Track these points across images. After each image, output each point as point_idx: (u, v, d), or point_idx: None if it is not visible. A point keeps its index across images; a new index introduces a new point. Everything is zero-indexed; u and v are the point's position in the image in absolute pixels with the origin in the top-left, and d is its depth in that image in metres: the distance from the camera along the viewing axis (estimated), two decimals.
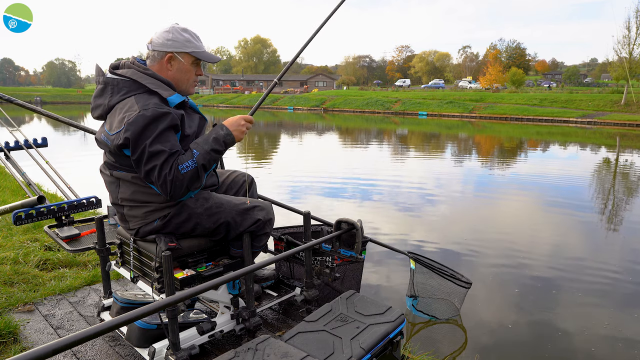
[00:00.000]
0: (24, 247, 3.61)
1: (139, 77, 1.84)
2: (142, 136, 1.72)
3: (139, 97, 1.80)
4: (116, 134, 1.77)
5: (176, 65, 1.91)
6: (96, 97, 1.90)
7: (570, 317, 3.89)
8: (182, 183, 1.75)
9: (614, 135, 22.56)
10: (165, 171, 1.73)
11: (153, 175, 1.75)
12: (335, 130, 27.65)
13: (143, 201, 1.90)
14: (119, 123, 1.77)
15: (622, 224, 6.93)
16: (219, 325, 2.16)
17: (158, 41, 1.88)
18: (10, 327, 2.37)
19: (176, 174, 1.74)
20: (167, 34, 1.88)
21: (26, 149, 3.45)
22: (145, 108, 1.73)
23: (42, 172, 3.44)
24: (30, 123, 29.18)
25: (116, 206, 2.00)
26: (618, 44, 32.20)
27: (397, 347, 2.10)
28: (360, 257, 2.58)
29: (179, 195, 1.80)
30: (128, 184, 1.90)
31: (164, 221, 1.92)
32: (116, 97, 1.84)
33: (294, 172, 11.17)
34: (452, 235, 6.18)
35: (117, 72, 1.88)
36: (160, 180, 1.74)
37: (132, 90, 1.83)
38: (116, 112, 1.82)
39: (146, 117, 1.72)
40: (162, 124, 1.75)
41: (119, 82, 1.85)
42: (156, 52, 1.89)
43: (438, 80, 69.36)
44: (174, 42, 1.88)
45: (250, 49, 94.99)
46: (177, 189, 1.76)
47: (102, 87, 1.88)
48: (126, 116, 1.75)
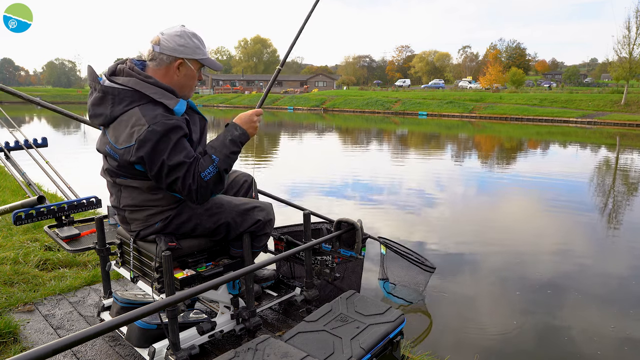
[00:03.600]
0: (24, 247, 3.61)
1: (142, 87, 1.77)
2: (157, 152, 1.70)
3: (144, 108, 1.74)
4: (126, 149, 1.72)
5: (184, 71, 1.87)
6: (95, 106, 1.81)
7: (574, 320, 3.85)
8: (207, 189, 1.79)
9: (614, 135, 22.56)
10: (189, 181, 1.74)
11: (176, 186, 1.76)
12: (335, 130, 27.65)
13: (145, 205, 1.90)
14: (127, 137, 1.71)
15: (626, 225, 6.89)
16: (219, 325, 2.16)
17: (168, 45, 1.81)
18: (10, 327, 2.37)
19: (200, 182, 1.75)
20: (179, 38, 1.82)
21: (26, 149, 3.45)
22: (154, 122, 1.69)
23: (42, 172, 3.43)
24: (30, 123, 29.18)
25: (117, 209, 1.99)
26: (618, 44, 32.23)
27: (397, 347, 2.10)
28: (360, 256, 2.58)
29: (205, 199, 1.83)
30: (131, 190, 1.89)
31: (165, 223, 1.92)
32: (119, 108, 1.76)
33: (294, 172, 11.18)
34: (453, 235, 6.18)
35: (118, 81, 1.79)
36: (186, 191, 1.76)
37: (135, 100, 1.76)
38: (121, 124, 1.75)
39: (157, 132, 1.68)
40: (175, 135, 1.72)
41: (120, 92, 1.77)
42: (165, 55, 1.82)
43: (438, 80, 69.35)
44: (186, 47, 1.83)
45: (250, 49, 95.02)
46: (203, 196, 1.79)
47: (100, 96, 1.79)
48: (135, 131, 1.70)
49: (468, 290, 4.40)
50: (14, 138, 3.55)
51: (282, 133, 24.90)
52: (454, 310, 4.00)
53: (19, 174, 3.16)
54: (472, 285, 4.51)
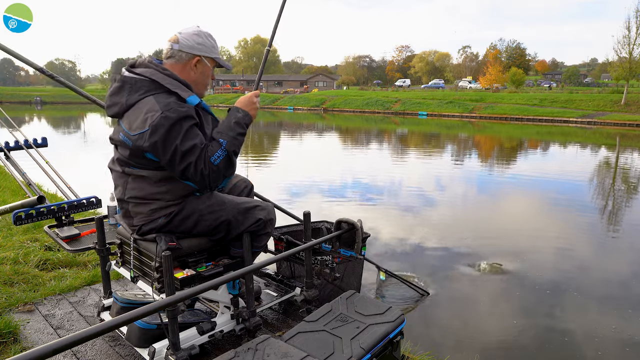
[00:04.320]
0: (24, 247, 3.61)
1: (159, 78, 1.85)
2: (170, 137, 1.75)
3: (158, 96, 1.82)
4: (139, 134, 1.77)
5: (200, 68, 1.96)
6: (112, 95, 1.89)
7: (575, 320, 3.85)
8: (219, 173, 1.84)
9: (613, 135, 22.57)
10: (201, 166, 1.79)
11: (189, 172, 1.80)
12: (335, 130, 27.65)
13: (150, 198, 1.92)
14: (141, 123, 1.77)
15: (627, 225, 6.89)
16: (219, 325, 2.16)
17: (187, 43, 1.91)
18: (10, 327, 2.37)
19: (211, 166, 1.81)
20: (197, 37, 1.93)
21: (26, 149, 3.45)
22: (168, 109, 1.76)
23: (42, 172, 3.44)
24: (30, 123, 29.20)
25: (122, 202, 1.99)
26: (618, 44, 32.25)
27: (397, 347, 2.10)
28: (360, 256, 2.58)
29: (217, 184, 1.90)
30: (139, 181, 1.91)
31: (168, 219, 1.93)
32: (134, 96, 1.84)
33: (294, 171, 11.17)
34: (453, 235, 6.18)
35: (136, 71, 1.87)
36: (198, 176, 1.80)
37: (151, 89, 1.84)
38: (135, 111, 1.82)
39: (170, 119, 1.74)
40: (187, 122, 1.79)
41: (137, 81, 1.85)
42: (184, 53, 1.91)
43: (438, 80, 69.33)
44: (203, 46, 1.94)
45: (250, 49, 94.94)
46: (215, 180, 1.85)
47: (119, 85, 1.87)
48: (149, 117, 1.76)
49: (468, 290, 4.40)
50: (14, 138, 3.55)
51: (282, 133, 24.90)
52: (454, 310, 4.00)
53: (19, 174, 3.16)
54: (472, 285, 4.51)
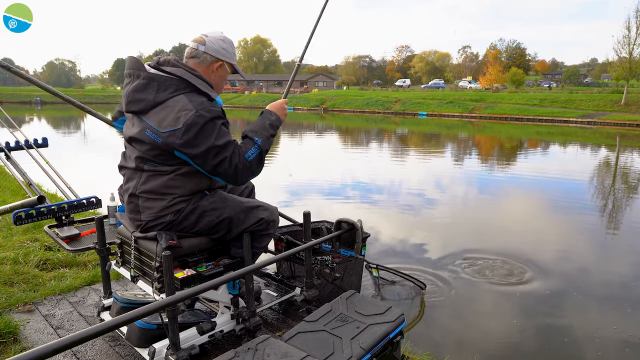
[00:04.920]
0: (24, 247, 3.61)
1: (189, 77, 1.90)
2: (205, 135, 1.81)
3: (190, 95, 1.87)
4: (171, 132, 1.81)
5: (220, 72, 2.06)
6: (136, 92, 1.89)
7: (575, 320, 3.84)
8: (250, 169, 1.93)
9: (613, 135, 22.57)
10: (236, 161, 1.87)
11: (223, 166, 1.86)
12: (335, 130, 27.65)
13: (163, 193, 1.93)
14: (173, 121, 1.81)
15: (628, 225, 6.88)
16: (219, 325, 2.16)
17: (213, 46, 2.00)
18: (10, 327, 2.37)
19: (244, 162, 1.90)
20: (222, 42, 2.03)
21: (26, 149, 3.45)
22: (202, 108, 1.83)
23: (43, 172, 3.43)
24: (31, 123, 29.19)
25: (132, 197, 1.98)
26: (618, 44, 32.22)
27: (397, 347, 2.10)
28: (360, 256, 2.58)
29: (246, 180, 1.97)
30: (156, 177, 1.92)
31: (176, 216, 1.95)
32: (164, 94, 1.86)
33: (294, 171, 11.17)
34: (453, 235, 6.18)
35: (165, 69, 1.91)
36: (232, 169, 1.87)
37: (181, 88, 1.88)
38: (166, 109, 1.84)
39: (204, 117, 1.81)
40: (219, 121, 1.87)
41: (166, 80, 1.88)
42: (209, 55, 2.00)
43: (438, 80, 69.31)
44: (227, 52, 2.05)
45: (250, 49, 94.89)
46: (245, 175, 1.93)
47: (145, 83, 1.88)
48: (182, 115, 1.80)
49: (468, 290, 4.39)
50: (14, 138, 3.55)
51: (282, 133, 24.90)
52: (454, 310, 4.00)
53: (20, 174, 3.16)
54: (472, 285, 4.50)
